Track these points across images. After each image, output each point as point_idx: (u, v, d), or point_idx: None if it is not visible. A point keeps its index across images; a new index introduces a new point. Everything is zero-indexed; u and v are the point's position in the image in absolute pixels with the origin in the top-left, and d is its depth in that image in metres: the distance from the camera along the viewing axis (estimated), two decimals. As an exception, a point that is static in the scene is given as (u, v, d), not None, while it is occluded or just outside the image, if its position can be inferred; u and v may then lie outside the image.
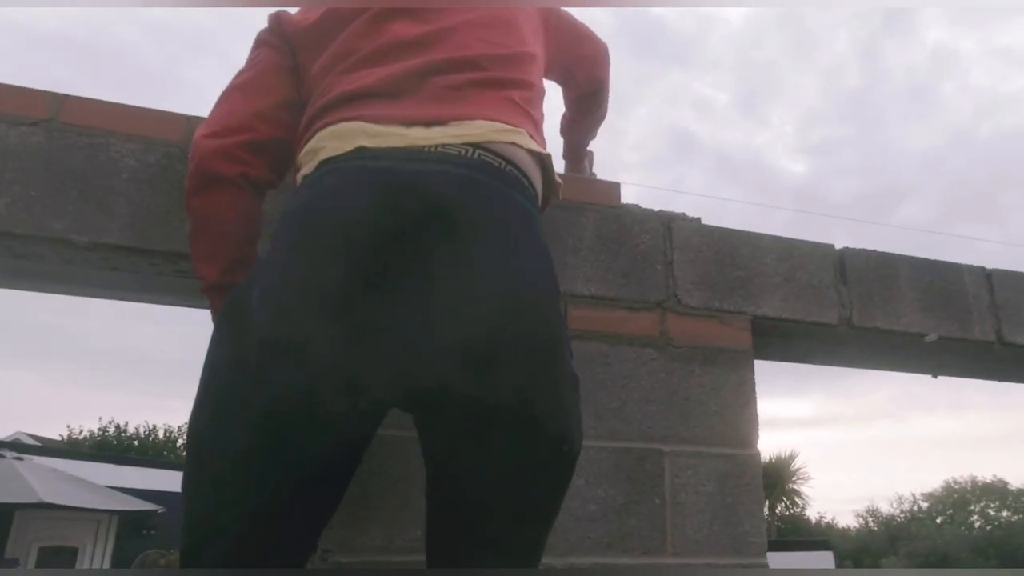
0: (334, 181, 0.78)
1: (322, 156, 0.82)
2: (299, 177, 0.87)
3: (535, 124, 0.93)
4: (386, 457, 1.09)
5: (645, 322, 1.31)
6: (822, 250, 1.50)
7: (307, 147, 0.86)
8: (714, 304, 1.37)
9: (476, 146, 0.80)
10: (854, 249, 1.53)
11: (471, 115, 0.83)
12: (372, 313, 0.70)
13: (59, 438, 21.79)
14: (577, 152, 1.47)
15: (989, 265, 1.63)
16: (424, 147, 0.79)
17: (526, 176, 0.85)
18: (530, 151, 0.86)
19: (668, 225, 1.40)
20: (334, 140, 0.82)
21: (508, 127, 0.84)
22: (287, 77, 0.98)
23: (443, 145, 0.79)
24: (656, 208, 1.41)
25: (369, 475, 1.07)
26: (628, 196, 1.40)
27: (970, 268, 1.61)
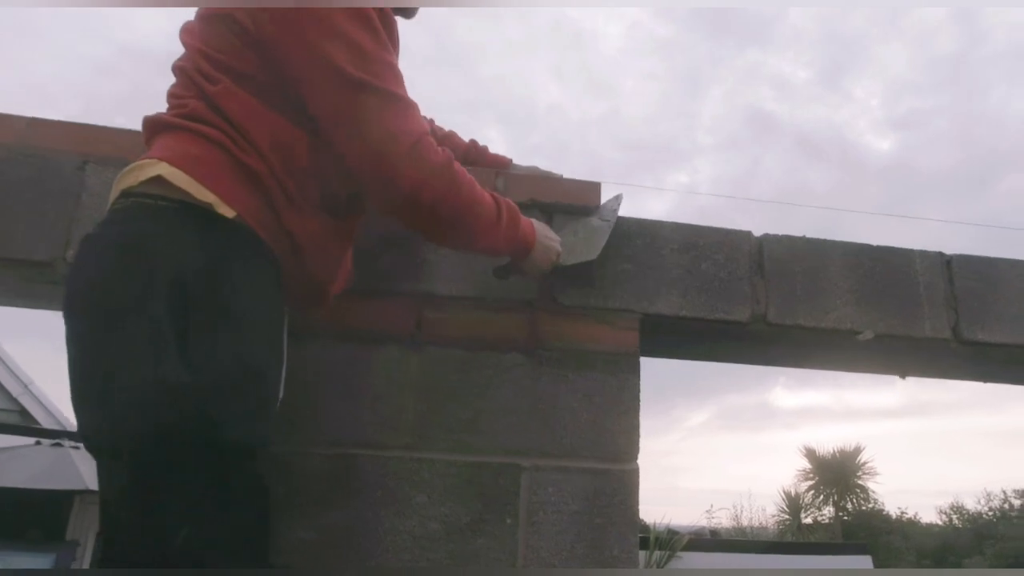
0: None
1: None
2: None
3: None
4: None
5: (510, 324, 1.19)
6: (734, 238, 1.33)
7: None
8: (593, 302, 1.23)
9: None
10: (776, 236, 1.35)
11: None
12: None
13: None
14: None
15: None
16: None
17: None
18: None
19: (550, 217, 1.27)
20: None
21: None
22: None
23: None
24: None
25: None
26: (703, 179, 1.32)
27: (923, 254, 1.40)
